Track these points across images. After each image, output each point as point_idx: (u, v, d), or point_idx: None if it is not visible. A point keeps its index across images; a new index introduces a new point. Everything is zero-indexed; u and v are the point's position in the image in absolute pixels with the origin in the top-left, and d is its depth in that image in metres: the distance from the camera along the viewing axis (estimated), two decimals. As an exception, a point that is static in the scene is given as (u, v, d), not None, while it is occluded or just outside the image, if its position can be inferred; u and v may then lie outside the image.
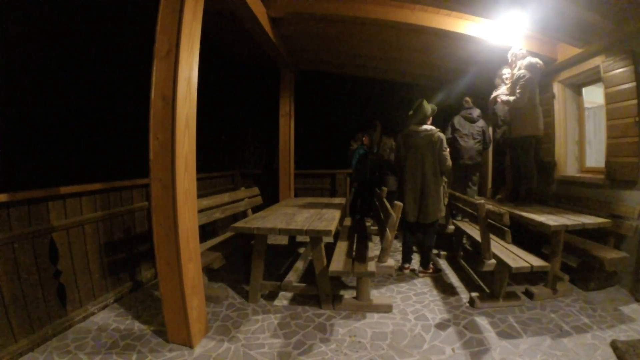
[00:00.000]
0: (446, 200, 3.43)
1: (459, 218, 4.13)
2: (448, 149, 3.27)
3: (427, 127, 3.27)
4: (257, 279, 2.85)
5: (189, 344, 2.18)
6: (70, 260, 2.49)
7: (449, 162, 3.25)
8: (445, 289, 3.11)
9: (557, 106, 3.98)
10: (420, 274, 3.43)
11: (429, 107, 3.27)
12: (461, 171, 4.66)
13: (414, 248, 4.07)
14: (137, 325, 2.47)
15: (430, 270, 3.44)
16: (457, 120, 4.60)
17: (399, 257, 3.62)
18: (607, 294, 2.87)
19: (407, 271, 3.52)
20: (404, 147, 3.35)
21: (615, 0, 2.73)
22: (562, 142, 3.97)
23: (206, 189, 5.01)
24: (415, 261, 3.74)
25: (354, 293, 2.81)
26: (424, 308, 2.73)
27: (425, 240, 3.43)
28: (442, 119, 4.65)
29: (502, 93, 3.86)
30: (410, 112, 3.35)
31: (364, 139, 5.31)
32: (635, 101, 2.88)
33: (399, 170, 3.52)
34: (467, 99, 4.68)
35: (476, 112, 4.58)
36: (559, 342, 2.18)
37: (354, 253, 2.98)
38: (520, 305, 2.70)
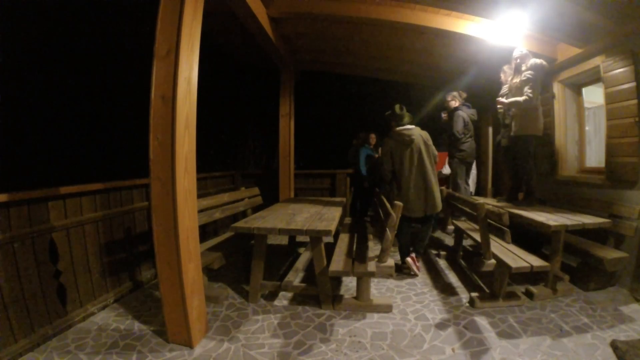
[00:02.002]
0: None
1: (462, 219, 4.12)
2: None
3: (413, 126, 3.41)
4: (257, 279, 2.85)
5: (189, 344, 2.18)
6: (70, 260, 2.49)
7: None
8: (445, 289, 3.11)
9: (557, 106, 3.98)
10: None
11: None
12: (462, 169, 4.67)
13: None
14: (137, 325, 2.47)
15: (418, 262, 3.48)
16: (467, 121, 4.55)
17: (399, 256, 3.61)
18: (607, 294, 2.87)
19: (406, 271, 3.51)
20: (398, 150, 3.34)
21: (615, 0, 2.73)
22: (562, 142, 3.97)
23: (206, 189, 5.01)
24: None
25: (354, 293, 2.82)
26: (424, 308, 2.73)
27: (425, 233, 3.54)
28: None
29: (503, 93, 3.83)
30: (389, 113, 3.47)
31: (370, 138, 5.26)
32: (635, 101, 2.88)
33: (386, 174, 3.51)
34: (463, 93, 4.66)
35: (475, 111, 4.65)
36: (559, 342, 2.18)
37: (354, 253, 2.97)
38: (520, 305, 2.69)
